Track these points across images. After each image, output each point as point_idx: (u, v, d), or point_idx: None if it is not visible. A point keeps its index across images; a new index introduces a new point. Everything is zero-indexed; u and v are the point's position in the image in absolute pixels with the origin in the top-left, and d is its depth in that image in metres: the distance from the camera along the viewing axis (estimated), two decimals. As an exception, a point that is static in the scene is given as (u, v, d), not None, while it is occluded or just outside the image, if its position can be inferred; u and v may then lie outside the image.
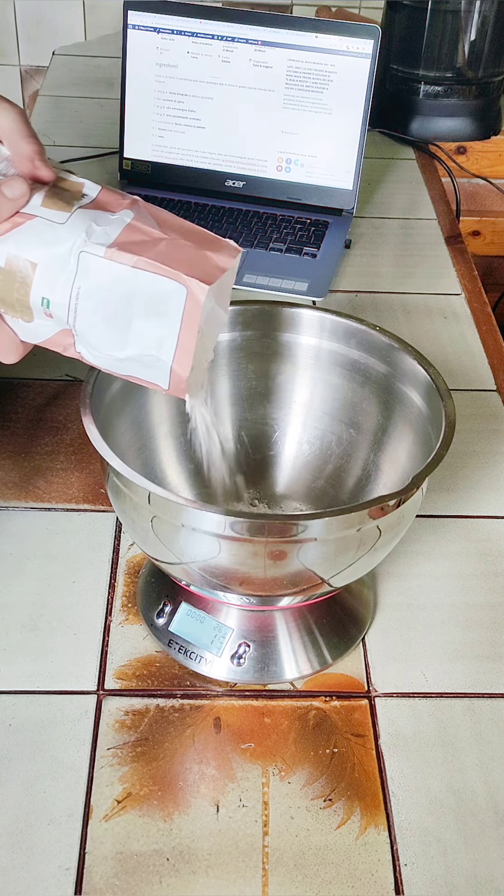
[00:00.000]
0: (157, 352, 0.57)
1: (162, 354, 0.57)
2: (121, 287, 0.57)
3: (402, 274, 1.19)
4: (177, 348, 0.57)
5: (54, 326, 0.58)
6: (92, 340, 0.58)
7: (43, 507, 0.83)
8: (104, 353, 0.59)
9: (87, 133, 1.46)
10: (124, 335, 0.57)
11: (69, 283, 0.57)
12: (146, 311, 0.57)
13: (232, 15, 1.18)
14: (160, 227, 0.58)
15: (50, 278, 0.57)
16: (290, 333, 0.76)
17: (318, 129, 1.20)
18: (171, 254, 0.57)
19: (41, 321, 0.58)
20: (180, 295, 0.56)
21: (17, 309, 0.58)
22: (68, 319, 0.58)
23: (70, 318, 0.58)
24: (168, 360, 0.57)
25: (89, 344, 0.58)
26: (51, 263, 0.57)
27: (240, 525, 0.58)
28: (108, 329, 0.57)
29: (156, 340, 0.57)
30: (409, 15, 1.48)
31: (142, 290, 0.56)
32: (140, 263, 0.56)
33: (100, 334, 0.58)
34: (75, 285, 0.57)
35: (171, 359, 0.57)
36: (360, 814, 0.62)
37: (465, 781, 0.64)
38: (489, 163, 1.76)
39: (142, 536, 0.66)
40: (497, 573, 0.79)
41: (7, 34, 2.22)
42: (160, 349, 0.57)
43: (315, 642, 0.71)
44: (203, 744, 0.66)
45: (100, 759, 0.64)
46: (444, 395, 0.67)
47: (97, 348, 0.59)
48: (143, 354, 0.58)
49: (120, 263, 0.56)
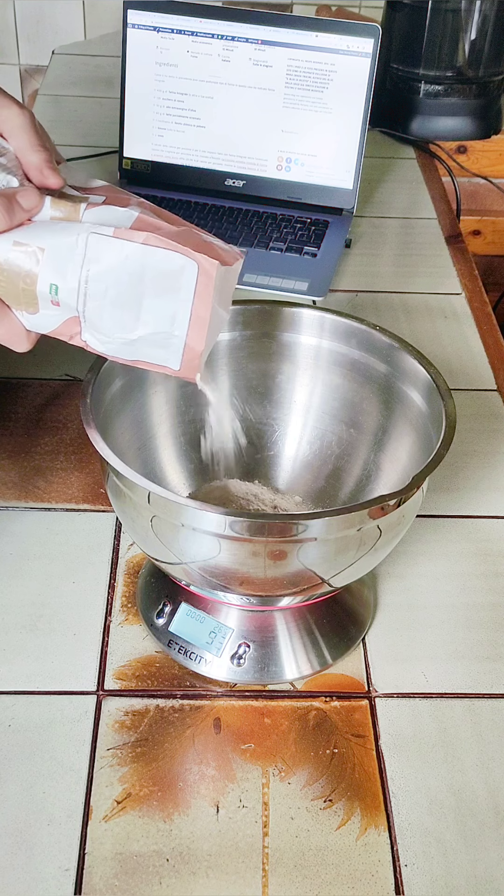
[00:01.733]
0: (170, 328, 0.57)
1: (175, 329, 0.57)
2: (131, 266, 0.56)
3: (402, 273, 1.19)
4: (190, 322, 0.57)
5: (61, 315, 0.58)
6: (101, 325, 0.58)
7: (43, 507, 0.83)
8: (114, 337, 0.58)
9: (87, 132, 1.46)
10: (135, 315, 0.57)
11: (78, 266, 0.57)
12: (157, 288, 0.56)
13: (232, 14, 1.18)
14: (169, 221, 0.59)
15: (58, 263, 0.57)
16: (290, 333, 0.76)
17: (319, 128, 1.20)
18: (179, 237, 0.57)
19: (47, 311, 0.58)
20: (192, 270, 0.56)
21: (22, 301, 0.58)
22: (77, 305, 0.57)
23: (79, 304, 0.57)
24: (182, 335, 0.57)
25: (98, 329, 0.58)
26: (59, 248, 0.56)
27: (240, 525, 0.58)
28: (119, 311, 0.57)
29: (168, 316, 0.57)
30: (409, 14, 1.48)
31: (152, 266, 0.56)
32: (150, 240, 0.56)
33: (110, 317, 0.57)
34: (84, 268, 0.56)
35: (185, 333, 0.57)
36: (360, 814, 0.62)
37: (465, 782, 0.64)
38: (489, 162, 1.76)
39: (142, 536, 0.66)
40: (497, 573, 0.79)
41: (7, 33, 2.22)
42: (173, 324, 0.57)
43: (315, 642, 0.71)
44: (203, 744, 0.66)
45: (99, 760, 0.64)
46: (444, 394, 0.67)
47: (106, 333, 0.58)
48: (156, 333, 0.57)
49: (129, 241, 0.56)
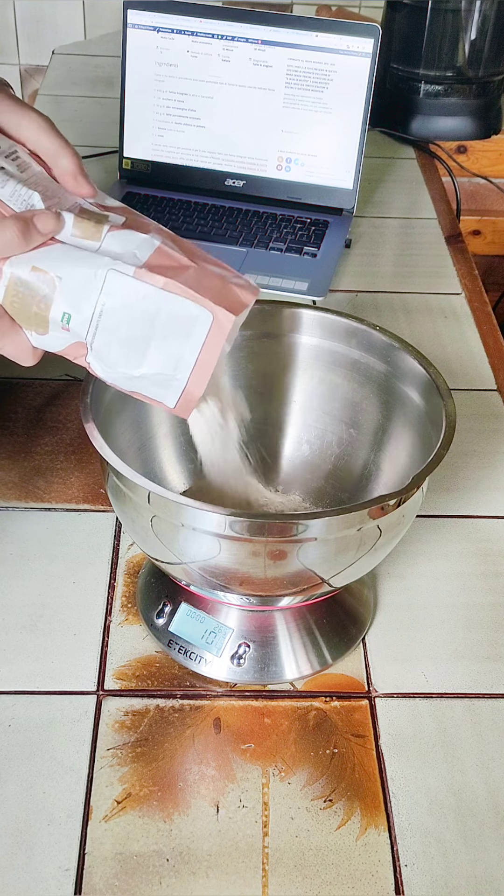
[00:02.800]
0: (173, 371, 0.58)
1: (178, 373, 0.58)
2: (146, 307, 0.57)
3: (402, 273, 1.19)
4: (194, 368, 0.58)
5: (69, 339, 0.58)
6: (107, 357, 0.58)
7: (43, 508, 0.83)
8: (117, 370, 0.59)
9: (87, 132, 1.46)
10: (142, 354, 0.58)
11: (93, 299, 0.57)
12: (168, 331, 0.57)
13: (232, 14, 1.18)
14: (186, 254, 0.59)
15: (74, 294, 0.57)
16: (290, 333, 0.76)
17: (319, 128, 1.19)
18: (200, 280, 0.57)
19: (56, 334, 0.58)
20: (206, 320, 0.57)
21: (32, 322, 0.58)
22: (87, 336, 0.58)
23: (89, 335, 0.58)
24: (183, 379, 0.58)
25: (103, 360, 0.59)
26: (77, 280, 0.57)
27: (240, 525, 0.58)
28: (126, 348, 0.58)
29: (174, 360, 0.58)
30: (409, 14, 1.48)
31: (167, 311, 0.57)
32: (169, 286, 0.56)
33: (117, 352, 0.58)
34: (99, 302, 0.57)
35: (187, 378, 0.58)
36: (360, 814, 0.62)
37: (465, 782, 0.64)
38: (489, 162, 1.76)
39: (142, 536, 0.66)
40: (497, 573, 0.79)
41: (7, 33, 2.22)
42: (177, 368, 0.58)
43: (315, 642, 0.71)
44: (203, 744, 0.66)
45: (99, 760, 0.64)
46: (444, 394, 0.67)
47: (111, 365, 0.59)
48: (158, 374, 0.58)
49: (149, 284, 0.56)
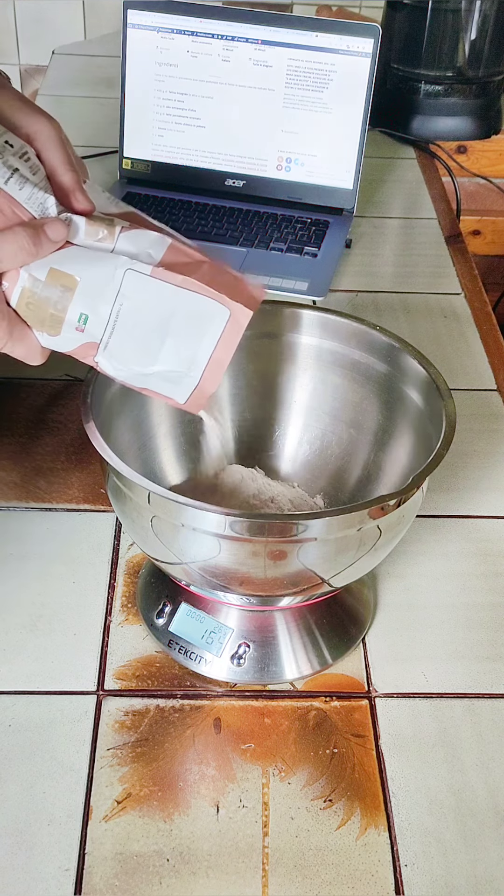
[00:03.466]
0: (186, 369, 0.59)
1: (191, 371, 0.59)
2: (163, 305, 0.57)
3: (402, 273, 1.19)
4: (207, 365, 0.58)
5: (80, 339, 0.59)
6: (121, 356, 0.59)
7: (43, 508, 0.83)
8: (130, 368, 0.59)
9: (87, 132, 1.46)
10: (156, 352, 0.58)
11: (111, 300, 0.57)
12: (183, 329, 0.58)
13: (232, 14, 1.18)
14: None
15: (92, 295, 0.57)
16: (290, 333, 0.76)
17: (319, 128, 1.19)
18: (214, 277, 0.58)
19: (69, 335, 0.58)
20: (223, 316, 0.57)
21: (46, 324, 0.58)
22: (102, 336, 0.58)
23: (105, 335, 0.58)
24: (196, 377, 0.59)
25: (116, 358, 0.59)
26: (95, 280, 0.57)
27: (240, 525, 0.58)
28: (141, 346, 0.58)
29: (188, 358, 0.58)
30: (409, 14, 1.48)
31: (184, 309, 0.57)
32: (186, 283, 0.57)
33: (132, 351, 0.58)
34: (117, 302, 0.57)
35: (200, 375, 0.59)
36: (360, 814, 0.62)
37: (465, 781, 0.64)
38: (489, 162, 1.76)
39: (142, 536, 0.66)
40: (497, 573, 0.79)
41: (7, 33, 2.22)
42: (191, 366, 0.58)
43: (315, 642, 0.71)
44: (203, 744, 0.66)
45: (99, 760, 0.64)
46: (444, 394, 0.67)
47: (124, 363, 0.59)
48: (171, 371, 0.59)
49: (166, 282, 0.57)
